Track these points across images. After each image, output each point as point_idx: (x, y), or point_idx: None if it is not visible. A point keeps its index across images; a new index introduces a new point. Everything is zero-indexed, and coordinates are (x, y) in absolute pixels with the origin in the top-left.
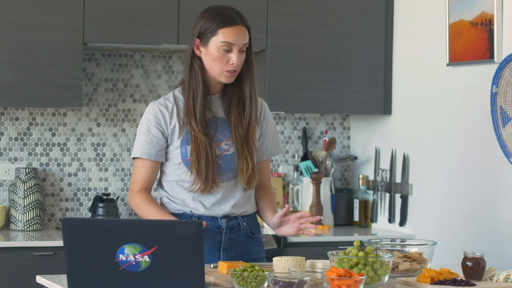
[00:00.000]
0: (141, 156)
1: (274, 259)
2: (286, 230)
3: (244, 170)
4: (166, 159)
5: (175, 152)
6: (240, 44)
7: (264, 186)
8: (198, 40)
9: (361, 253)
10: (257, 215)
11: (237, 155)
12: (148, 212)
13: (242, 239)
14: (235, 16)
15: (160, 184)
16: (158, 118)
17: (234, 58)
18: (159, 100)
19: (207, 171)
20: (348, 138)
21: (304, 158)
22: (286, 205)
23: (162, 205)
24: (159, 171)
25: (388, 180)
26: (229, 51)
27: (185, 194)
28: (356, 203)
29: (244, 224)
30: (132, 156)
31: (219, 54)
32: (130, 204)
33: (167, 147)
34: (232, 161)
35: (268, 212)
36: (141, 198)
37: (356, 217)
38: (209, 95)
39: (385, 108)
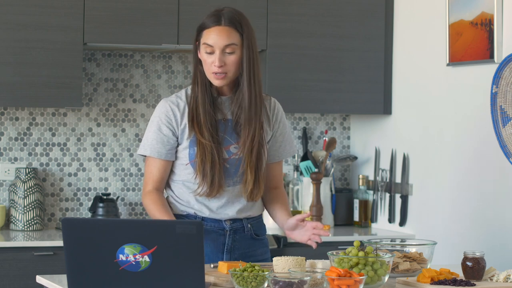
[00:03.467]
0: (151, 155)
1: (274, 259)
2: (298, 236)
3: (247, 181)
4: (176, 158)
5: (184, 152)
6: (220, 46)
7: (276, 188)
8: (197, 43)
9: (361, 253)
10: (262, 215)
11: (243, 162)
12: (153, 217)
13: (246, 241)
14: (220, 16)
15: (167, 183)
16: (169, 117)
17: (215, 60)
18: (171, 98)
19: (213, 175)
20: (348, 138)
21: (304, 158)
22: (308, 212)
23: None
24: None
25: (388, 180)
26: (212, 53)
27: (190, 195)
28: (356, 203)
29: (249, 225)
30: (142, 153)
31: (204, 57)
32: (143, 203)
33: (178, 146)
34: (239, 166)
35: (283, 214)
36: (149, 199)
37: (356, 217)
38: (219, 96)
39: (385, 108)
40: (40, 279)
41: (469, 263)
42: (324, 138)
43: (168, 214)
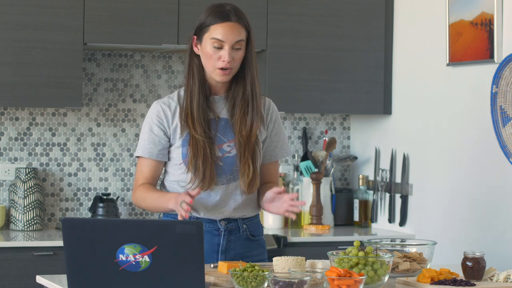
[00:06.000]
0: (143, 155)
1: (274, 259)
2: (275, 209)
3: (245, 173)
4: (169, 159)
5: (177, 151)
6: (231, 41)
7: (271, 183)
8: (195, 37)
9: (361, 253)
10: (258, 216)
11: (239, 158)
12: (151, 200)
13: (241, 242)
14: (228, 13)
15: (162, 184)
16: (160, 118)
17: (225, 55)
18: (163, 99)
19: (205, 169)
20: (348, 138)
21: (304, 158)
22: (283, 187)
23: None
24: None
25: (388, 180)
26: (220, 48)
27: None
28: (356, 203)
29: (244, 226)
30: (135, 154)
31: (210, 51)
32: (133, 201)
33: (170, 146)
34: (233, 164)
35: (265, 191)
36: (142, 189)
37: (356, 217)
38: (211, 95)
39: (385, 108)
40: (40, 279)
41: (469, 263)
42: (324, 138)
43: (163, 193)
